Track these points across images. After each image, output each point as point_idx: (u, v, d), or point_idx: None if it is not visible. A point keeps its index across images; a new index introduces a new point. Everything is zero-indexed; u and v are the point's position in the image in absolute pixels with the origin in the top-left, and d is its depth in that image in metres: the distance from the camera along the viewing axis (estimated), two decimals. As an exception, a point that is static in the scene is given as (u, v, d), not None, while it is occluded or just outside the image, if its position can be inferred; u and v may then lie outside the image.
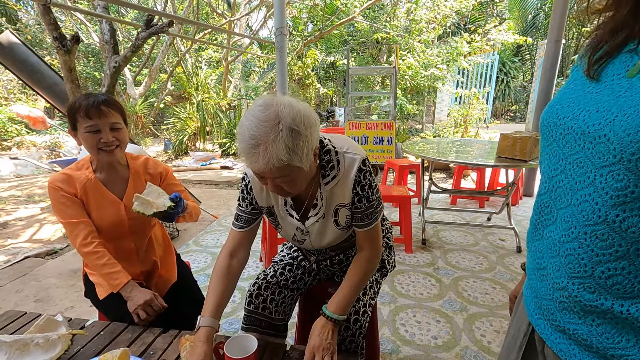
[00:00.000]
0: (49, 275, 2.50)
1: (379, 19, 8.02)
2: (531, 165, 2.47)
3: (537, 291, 0.60)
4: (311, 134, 0.85)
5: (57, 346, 0.93)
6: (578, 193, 0.50)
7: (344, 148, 1.00)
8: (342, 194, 1.01)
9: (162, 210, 1.17)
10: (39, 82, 3.33)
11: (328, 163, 0.99)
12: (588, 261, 0.49)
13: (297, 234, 1.10)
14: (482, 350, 1.74)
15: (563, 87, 0.58)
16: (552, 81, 3.74)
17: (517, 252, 2.79)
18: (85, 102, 1.14)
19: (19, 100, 9.31)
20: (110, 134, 1.17)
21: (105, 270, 1.17)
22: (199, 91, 7.63)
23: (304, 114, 0.83)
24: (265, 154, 0.79)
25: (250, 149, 0.80)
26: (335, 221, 1.05)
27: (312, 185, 1.02)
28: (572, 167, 0.51)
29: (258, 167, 0.81)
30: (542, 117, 0.59)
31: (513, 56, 12.14)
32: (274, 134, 0.79)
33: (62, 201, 1.19)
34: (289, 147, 0.80)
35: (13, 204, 4.31)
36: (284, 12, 3.84)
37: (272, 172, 0.83)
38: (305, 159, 0.84)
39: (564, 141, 0.53)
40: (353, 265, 1.06)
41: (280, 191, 0.91)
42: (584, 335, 0.52)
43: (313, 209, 1.04)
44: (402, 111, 7.48)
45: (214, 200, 4.23)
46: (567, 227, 0.51)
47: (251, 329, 1.16)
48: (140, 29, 2.70)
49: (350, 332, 1.05)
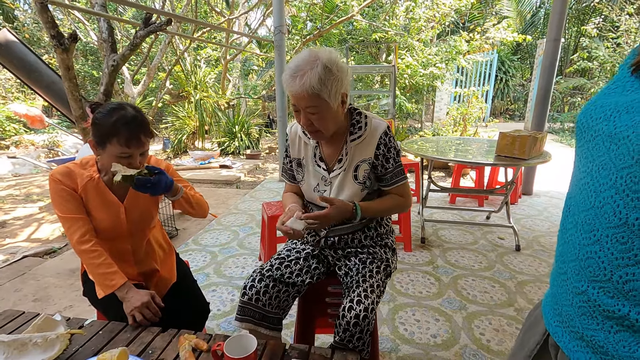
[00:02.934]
0: (47, 275, 2.49)
1: (378, 18, 8.00)
2: (530, 163, 2.47)
3: (557, 297, 0.60)
4: (342, 78, 1.06)
5: (55, 346, 0.93)
6: (601, 195, 0.49)
7: (372, 116, 1.23)
8: (366, 151, 1.20)
9: (129, 174, 1.11)
10: (37, 81, 3.31)
11: (357, 123, 1.21)
12: (608, 264, 0.48)
13: (320, 183, 1.26)
14: (481, 349, 1.74)
15: (604, 87, 0.57)
16: (551, 80, 3.74)
17: (516, 250, 2.79)
18: (127, 131, 1.11)
19: (17, 99, 9.28)
20: (138, 159, 1.17)
21: (101, 270, 1.16)
22: (197, 90, 7.61)
23: (339, 62, 1.06)
24: (302, 79, 1.02)
25: (292, 75, 1.03)
26: (355, 176, 1.21)
27: (341, 143, 1.22)
28: (597, 170, 0.50)
29: (294, 89, 1.03)
30: (577, 118, 0.58)
31: (512, 55, 12.14)
32: (311, 66, 1.02)
33: (62, 195, 1.17)
34: (322, 79, 1.01)
35: (11, 203, 4.30)
36: (283, 11, 3.83)
37: (305, 100, 1.04)
38: (333, 96, 1.05)
39: (593, 143, 0.52)
40: (387, 195, 1.27)
41: (310, 126, 1.11)
42: (601, 342, 0.51)
43: (338, 163, 1.23)
44: (401, 110, 7.48)
45: (213, 199, 4.23)
46: (589, 230, 0.51)
47: (245, 320, 1.19)
48: (138, 27, 2.68)
49: (359, 328, 1.06)
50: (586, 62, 8.49)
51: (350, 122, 1.21)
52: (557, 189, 4.47)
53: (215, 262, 2.62)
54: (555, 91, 10.18)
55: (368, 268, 1.21)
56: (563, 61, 10.80)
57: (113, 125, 1.10)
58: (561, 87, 10.12)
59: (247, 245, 2.88)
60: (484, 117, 8.33)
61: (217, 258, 2.69)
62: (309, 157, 1.27)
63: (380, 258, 1.27)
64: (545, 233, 3.15)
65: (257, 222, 3.39)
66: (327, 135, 1.16)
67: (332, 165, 1.24)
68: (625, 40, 7.87)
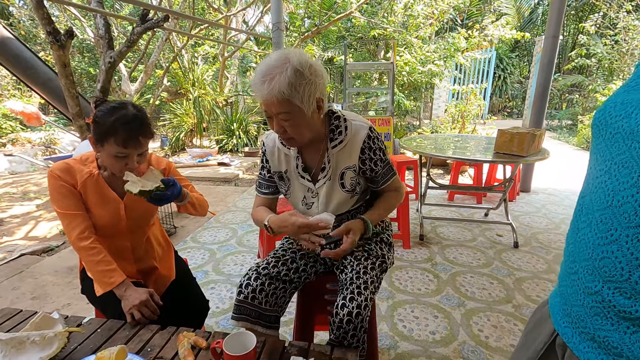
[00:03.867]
0: (45, 273, 2.49)
1: (376, 15, 7.98)
2: (528, 160, 2.47)
3: (566, 297, 0.59)
4: (315, 81, 1.00)
5: (53, 344, 0.92)
6: (620, 194, 0.48)
7: (352, 118, 1.17)
8: (349, 157, 1.15)
9: (147, 189, 1.11)
10: (33, 78, 3.29)
11: (337, 128, 1.15)
12: (626, 264, 0.47)
13: (307, 195, 1.22)
14: (479, 345, 1.75)
15: (622, 85, 0.56)
16: (549, 77, 3.74)
17: (514, 247, 2.80)
18: (125, 132, 1.08)
19: (13, 97, 9.21)
20: (136, 159, 1.14)
21: (99, 267, 1.15)
22: (195, 87, 7.58)
23: (312, 64, 1.00)
24: (270, 84, 0.96)
25: (261, 79, 0.97)
26: (342, 184, 1.18)
27: (321, 150, 1.17)
28: (617, 168, 0.49)
29: (263, 95, 0.98)
30: (594, 116, 0.57)
31: (510, 52, 12.14)
32: (280, 70, 0.96)
33: (61, 191, 1.16)
34: (291, 83, 0.96)
35: (8, 201, 4.28)
36: (281, 8, 3.81)
37: (275, 106, 0.99)
38: (306, 101, 1.00)
39: (612, 140, 0.51)
40: (383, 196, 1.25)
41: (284, 134, 1.06)
42: (615, 343, 0.50)
43: (322, 172, 1.18)
44: (399, 107, 7.47)
45: (211, 197, 4.21)
46: (606, 229, 0.50)
47: (241, 319, 1.17)
48: (135, 23, 2.67)
49: (352, 325, 1.06)
50: (584, 59, 8.50)
51: (329, 128, 1.15)
52: (555, 186, 4.48)
53: (214, 260, 2.62)
54: (554, 88, 10.19)
55: (362, 265, 1.21)
56: (561, 58, 10.81)
57: (112, 124, 1.09)
58: (559, 84, 10.14)
59: (246, 242, 2.87)
60: (482, 115, 8.34)
61: (215, 255, 2.69)
62: (292, 169, 1.21)
63: (376, 254, 1.27)
64: (544, 230, 3.16)
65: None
66: (301, 143, 1.11)
67: (316, 175, 1.20)
68: (624, 38, 7.88)
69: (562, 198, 4.03)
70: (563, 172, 5.27)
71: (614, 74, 8.26)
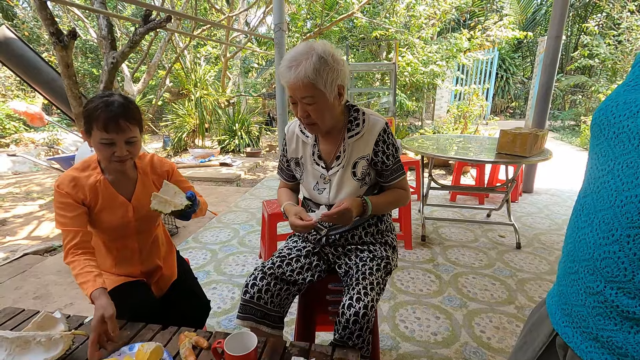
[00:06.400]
0: (47, 273, 2.49)
1: (379, 15, 7.97)
2: (531, 161, 2.46)
3: (566, 297, 0.58)
4: (337, 68, 1.07)
5: (58, 346, 0.92)
6: (623, 194, 0.48)
7: (370, 112, 1.24)
8: (364, 147, 1.21)
9: (179, 209, 1.16)
10: (36, 79, 3.30)
11: (355, 120, 1.22)
12: (629, 265, 0.47)
13: (320, 181, 1.27)
14: (481, 347, 1.74)
15: (620, 85, 0.56)
16: (552, 77, 3.73)
17: (517, 248, 2.79)
18: (104, 114, 1.07)
19: (17, 97, 9.26)
20: (124, 148, 1.12)
21: (78, 280, 1.09)
22: (197, 88, 7.59)
23: (335, 54, 1.07)
24: (296, 70, 1.03)
25: (287, 66, 1.05)
26: (353, 172, 1.22)
27: (338, 139, 1.23)
28: (620, 168, 0.49)
29: (290, 79, 1.05)
30: (594, 115, 0.56)
31: (513, 52, 12.10)
32: (306, 57, 1.04)
33: (61, 207, 1.14)
34: (316, 69, 1.03)
35: (11, 201, 4.30)
36: (283, 8, 3.81)
37: (300, 90, 1.06)
38: (329, 86, 1.07)
39: (616, 140, 0.51)
40: (390, 189, 1.29)
41: (307, 118, 1.12)
42: (619, 343, 0.50)
43: (336, 160, 1.23)
44: (401, 108, 7.46)
45: (213, 197, 4.22)
46: (607, 230, 0.50)
47: (246, 318, 1.18)
48: (138, 24, 2.67)
49: (359, 325, 1.06)
50: (587, 59, 8.47)
51: (348, 119, 1.22)
52: (558, 187, 4.46)
53: (215, 260, 2.62)
54: (556, 89, 10.16)
55: (368, 265, 1.21)
56: (564, 59, 10.77)
57: (94, 109, 1.08)
58: (562, 84, 10.10)
59: (248, 243, 2.87)
60: (484, 115, 8.31)
61: (217, 256, 2.69)
62: (307, 156, 1.28)
63: (381, 256, 1.27)
64: (546, 231, 3.15)
65: (257, 219, 3.39)
66: (323, 128, 1.16)
67: (330, 163, 1.25)
68: (627, 38, 7.84)
69: (564, 199, 4.01)
70: (566, 172, 5.25)
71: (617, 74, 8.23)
